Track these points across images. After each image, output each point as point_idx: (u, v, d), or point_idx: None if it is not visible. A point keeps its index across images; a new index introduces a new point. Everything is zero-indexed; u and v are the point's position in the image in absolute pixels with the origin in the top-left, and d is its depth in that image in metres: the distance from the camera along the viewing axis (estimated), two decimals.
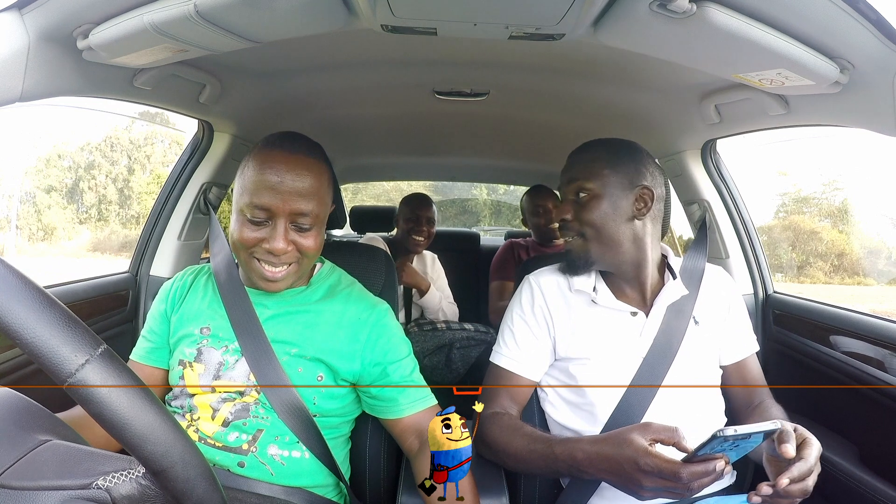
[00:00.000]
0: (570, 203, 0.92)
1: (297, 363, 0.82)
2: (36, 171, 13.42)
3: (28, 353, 0.37)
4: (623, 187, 0.89)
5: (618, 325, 0.91)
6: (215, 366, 0.83)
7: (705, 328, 0.93)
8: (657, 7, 0.64)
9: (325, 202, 0.82)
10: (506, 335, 0.95)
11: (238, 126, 1.37)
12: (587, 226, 0.90)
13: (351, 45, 1.06)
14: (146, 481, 0.42)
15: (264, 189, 0.77)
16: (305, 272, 0.86)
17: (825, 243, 8.77)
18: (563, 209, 0.92)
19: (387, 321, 0.88)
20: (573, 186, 0.92)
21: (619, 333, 0.90)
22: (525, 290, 0.97)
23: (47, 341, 0.37)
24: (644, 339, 0.89)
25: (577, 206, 0.91)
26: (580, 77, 1.20)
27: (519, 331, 0.94)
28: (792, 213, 9.63)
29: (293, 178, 0.77)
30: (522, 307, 0.95)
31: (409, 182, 3.63)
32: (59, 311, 0.38)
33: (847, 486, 0.93)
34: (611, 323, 0.91)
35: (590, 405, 0.87)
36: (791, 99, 0.95)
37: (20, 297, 0.37)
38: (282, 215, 0.77)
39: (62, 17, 0.71)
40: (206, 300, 0.89)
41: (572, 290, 0.93)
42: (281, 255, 0.78)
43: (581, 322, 0.91)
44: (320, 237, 0.83)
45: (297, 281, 0.88)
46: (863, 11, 0.63)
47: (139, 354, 0.92)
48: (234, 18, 0.71)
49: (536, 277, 0.97)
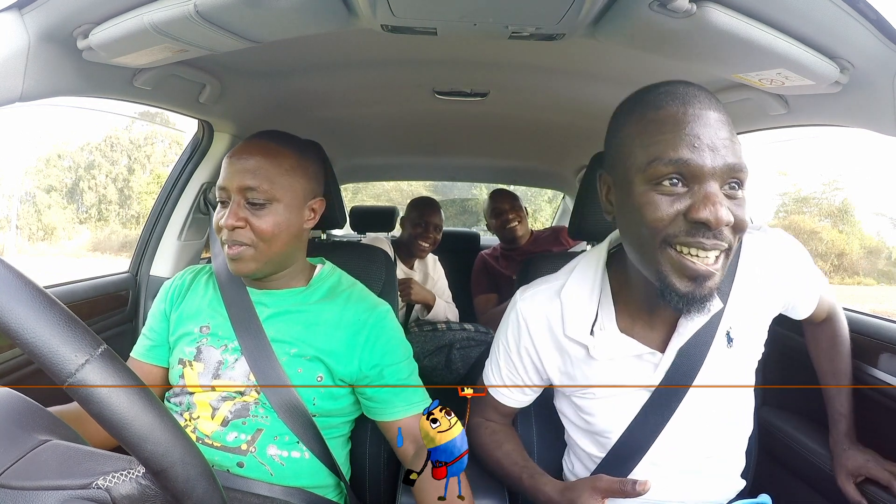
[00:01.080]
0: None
1: (297, 363, 0.82)
2: (36, 171, 13.43)
3: (28, 353, 0.37)
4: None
5: (624, 370, 0.74)
6: (215, 364, 0.83)
7: (741, 346, 0.75)
8: (657, 7, 0.64)
9: (280, 185, 0.82)
10: (492, 360, 0.86)
11: (238, 126, 1.37)
12: (739, 235, 0.63)
13: (351, 45, 1.06)
14: (146, 481, 0.42)
15: (224, 173, 0.83)
16: (272, 262, 0.84)
17: (825, 243, 8.77)
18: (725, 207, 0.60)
19: (387, 323, 0.88)
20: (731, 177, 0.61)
21: (626, 377, 0.74)
22: (511, 319, 0.81)
23: (47, 341, 0.37)
24: (658, 373, 0.73)
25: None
26: (580, 77, 1.20)
27: (504, 366, 0.84)
28: (792, 212, 9.63)
29: (246, 157, 0.82)
30: (508, 343, 0.82)
31: (409, 182, 3.63)
32: (58, 311, 0.38)
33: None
34: (615, 370, 0.74)
35: (597, 432, 0.79)
36: (791, 99, 0.95)
37: (20, 298, 0.37)
38: (233, 191, 0.81)
39: (62, 17, 0.71)
40: (207, 299, 0.89)
41: (566, 335, 0.75)
42: (231, 230, 0.80)
43: (578, 369, 0.77)
44: (277, 221, 0.81)
45: (292, 280, 0.89)
46: (863, 11, 0.63)
47: (139, 352, 0.92)
48: (234, 18, 0.71)
49: (525, 305, 0.79)
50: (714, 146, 0.58)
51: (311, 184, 0.88)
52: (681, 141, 0.58)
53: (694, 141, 0.58)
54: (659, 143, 0.59)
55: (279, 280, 0.89)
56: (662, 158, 0.59)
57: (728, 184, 0.60)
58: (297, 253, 0.89)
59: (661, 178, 0.60)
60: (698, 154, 0.58)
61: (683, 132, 0.58)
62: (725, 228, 0.59)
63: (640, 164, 0.61)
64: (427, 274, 2.05)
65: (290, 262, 0.88)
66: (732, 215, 0.59)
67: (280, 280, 0.89)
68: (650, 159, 0.60)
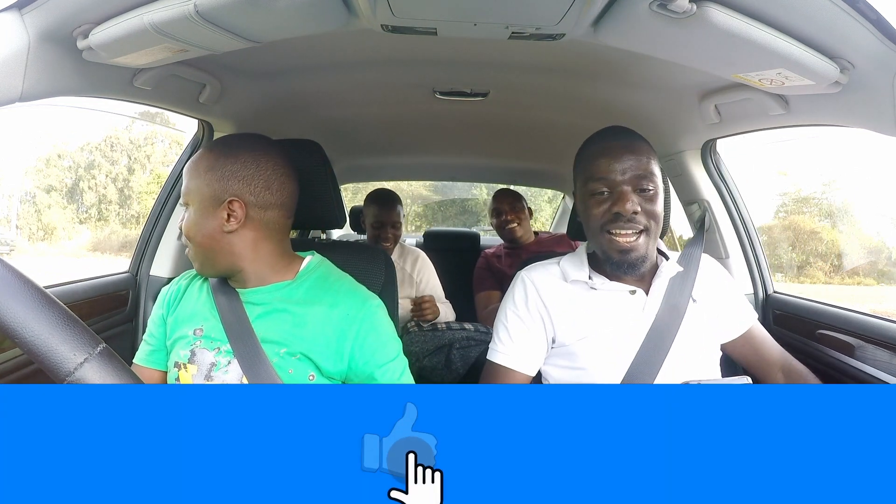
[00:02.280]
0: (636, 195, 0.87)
1: (288, 364, 0.82)
2: (36, 170, 13.43)
3: (27, 351, 0.37)
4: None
5: (618, 304, 0.92)
6: (207, 367, 0.83)
7: (703, 307, 0.94)
8: (657, 7, 0.64)
9: (191, 188, 0.83)
10: (500, 332, 0.96)
11: (238, 126, 1.37)
12: (653, 219, 0.88)
13: (351, 45, 1.06)
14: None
15: None
16: (207, 262, 0.85)
17: (825, 243, 8.77)
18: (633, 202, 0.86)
19: (377, 318, 0.86)
20: (642, 181, 0.87)
21: (620, 312, 0.91)
22: (518, 286, 0.97)
23: (46, 340, 0.37)
24: (647, 314, 0.90)
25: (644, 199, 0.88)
26: (580, 77, 1.20)
27: (513, 326, 0.94)
28: (792, 213, 9.62)
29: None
30: (516, 303, 0.95)
31: (409, 182, 3.63)
32: (57, 311, 0.38)
33: None
34: (611, 303, 0.92)
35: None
36: (791, 99, 0.95)
37: (19, 297, 0.37)
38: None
39: (62, 17, 0.71)
40: (201, 302, 0.89)
41: (568, 281, 0.94)
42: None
43: (580, 307, 0.92)
44: (189, 224, 0.83)
45: (276, 276, 0.87)
46: (863, 11, 0.63)
47: (140, 357, 0.93)
48: (234, 18, 0.71)
49: (528, 273, 0.98)
50: (624, 166, 0.87)
51: (227, 184, 0.82)
52: (604, 165, 0.88)
53: (611, 164, 0.87)
54: (590, 169, 0.90)
55: (258, 278, 0.86)
56: (594, 177, 0.89)
57: (638, 189, 0.87)
58: (234, 255, 0.84)
59: (594, 192, 0.89)
60: (612, 172, 0.87)
61: (602, 160, 0.88)
62: (637, 215, 0.86)
63: (582, 182, 0.92)
64: (405, 270, 1.91)
65: (234, 262, 0.84)
66: (639, 206, 0.86)
67: (259, 278, 0.86)
68: (586, 179, 0.90)
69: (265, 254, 0.86)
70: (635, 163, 0.87)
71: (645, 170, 0.87)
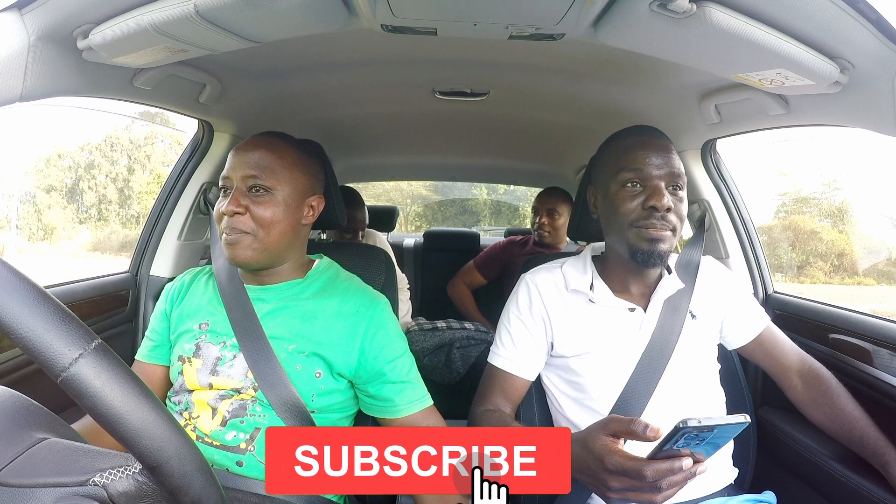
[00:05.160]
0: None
1: (295, 360, 0.82)
2: (36, 171, 13.43)
3: (22, 347, 0.37)
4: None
5: (616, 321, 0.91)
6: (213, 361, 0.83)
7: (702, 322, 0.93)
8: (657, 7, 0.64)
9: (281, 177, 0.84)
10: (503, 335, 0.96)
11: (238, 126, 1.37)
12: (680, 221, 0.88)
13: (351, 45, 1.06)
14: (143, 477, 0.41)
15: (228, 164, 0.86)
16: (268, 251, 0.85)
17: (825, 243, 8.77)
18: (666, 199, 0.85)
19: (386, 316, 0.88)
20: (677, 179, 0.87)
21: (617, 329, 0.91)
22: (522, 289, 0.97)
23: (41, 336, 0.37)
24: (643, 333, 0.90)
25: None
26: (580, 77, 1.20)
27: (515, 330, 0.94)
28: (792, 213, 9.61)
29: (251, 150, 0.85)
30: (519, 307, 0.95)
31: (409, 182, 3.63)
32: (52, 306, 0.38)
33: (846, 486, 0.93)
34: (609, 319, 0.91)
35: (590, 400, 0.89)
36: (791, 99, 0.95)
37: (13, 292, 0.37)
38: (236, 179, 0.84)
39: (62, 17, 0.71)
40: (206, 296, 0.90)
41: (569, 290, 0.94)
42: (232, 216, 0.82)
43: (579, 320, 0.92)
44: (275, 211, 0.84)
45: (289, 275, 0.90)
46: (863, 11, 0.63)
47: (143, 354, 0.93)
48: (234, 18, 0.71)
49: (533, 276, 0.97)
50: (659, 161, 0.85)
51: (311, 180, 0.90)
52: (640, 157, 0.86)
53: (648, 157, 0.85)
54: (624, 159, 0.87)
55: (277, 275, 0.89)
56: (627, 167, 0.86)
57: (671, 186, 0.85)
58: (294, 248, 0.90)
59: (626, 182, 0.86)
60: (647, 166, 0.85)
61: (639, 152, 0.86)
62: (669, 213, 0.84)
63: (612, 173, 0.88)
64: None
65: (287, 256, 0.89)
66: (673, 204, 0.84)
67: (278, 275, 0.89)
68: (619, 169, 0.87)
69: (299, 251, 0.92)
70: (670, 160, 0.86)
71: (679, 170, 0.86)
